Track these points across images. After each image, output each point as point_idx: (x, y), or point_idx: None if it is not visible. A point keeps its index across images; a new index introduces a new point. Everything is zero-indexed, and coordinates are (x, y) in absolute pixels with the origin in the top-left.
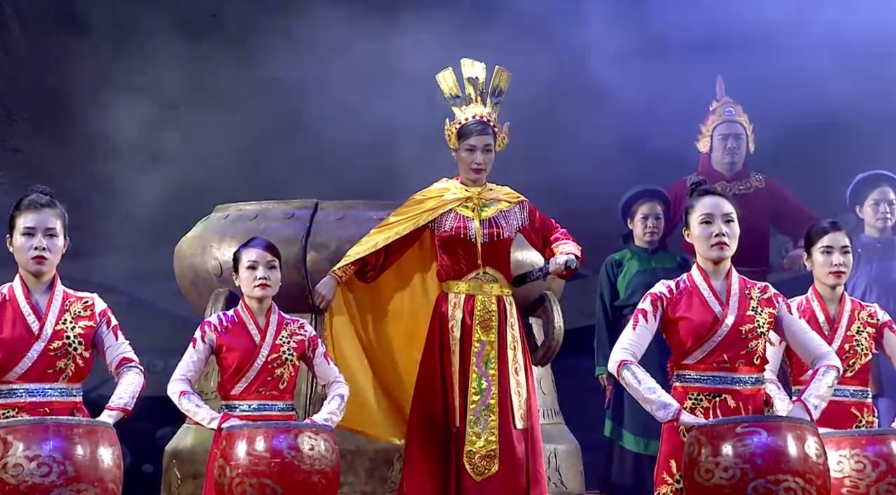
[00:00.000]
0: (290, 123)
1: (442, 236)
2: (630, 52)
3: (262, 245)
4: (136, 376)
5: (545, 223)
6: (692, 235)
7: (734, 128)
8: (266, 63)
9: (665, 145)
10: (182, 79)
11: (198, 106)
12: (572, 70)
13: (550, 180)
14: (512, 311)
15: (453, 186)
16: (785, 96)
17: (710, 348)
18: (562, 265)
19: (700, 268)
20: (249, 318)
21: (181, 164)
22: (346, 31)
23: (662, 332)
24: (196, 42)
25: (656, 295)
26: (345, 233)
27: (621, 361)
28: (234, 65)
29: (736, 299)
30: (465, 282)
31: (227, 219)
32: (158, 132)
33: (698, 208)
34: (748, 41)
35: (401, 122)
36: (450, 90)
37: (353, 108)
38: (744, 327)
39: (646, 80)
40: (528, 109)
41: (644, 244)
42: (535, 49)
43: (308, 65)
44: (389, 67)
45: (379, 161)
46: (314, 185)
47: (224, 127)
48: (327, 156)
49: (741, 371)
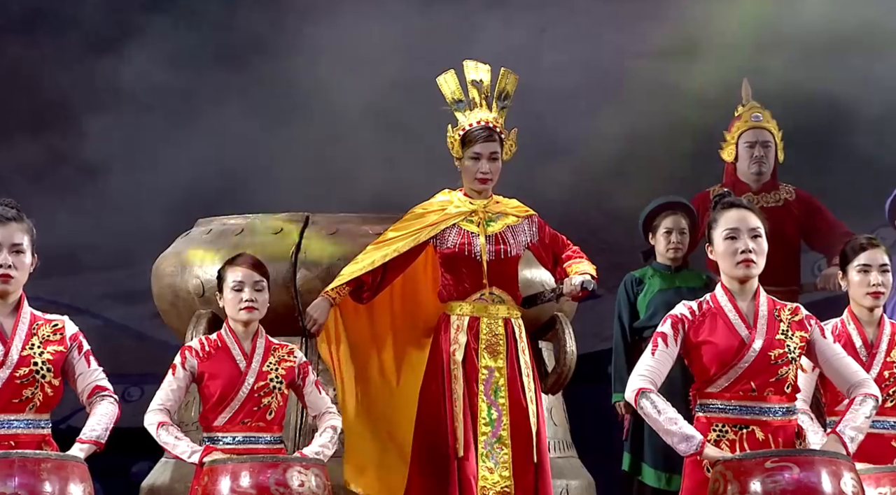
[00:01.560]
0: (278, 127)
1: (444, 253)
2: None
3: (248, 263)
4: (110, 406)
5: (556, 239)
6: (716, 252)
7: (762, 135)
8: (249, 59)
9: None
10: (161, 81)
11: (178, 110)
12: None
13: (551, 197)
14: (521, 335)
15: (456, 199)
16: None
17: (736, 375)
18: (577, 286)
19: (725, 288)
20: (234, 343)
21: (161, 173)
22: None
23: (684, 358)
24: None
25: (677, 317)
26: (338, 249)
27: (639, 389)
28: (213, 61)
29: (764, 322)
30: (469, 303)
31: (209, 233)
32: (137, 138)
33: (722, 222)
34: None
35: (396, 127)
36: (452, 94)
37: (348, 110)
38: (773, 352)
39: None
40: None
41: (667, 261)
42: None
43: (298, 60)
44: (395, 65)
45: (377, 170)
46: (305, 196)
47: (207, 131)
48: (320, 164)
49: (770, 400)
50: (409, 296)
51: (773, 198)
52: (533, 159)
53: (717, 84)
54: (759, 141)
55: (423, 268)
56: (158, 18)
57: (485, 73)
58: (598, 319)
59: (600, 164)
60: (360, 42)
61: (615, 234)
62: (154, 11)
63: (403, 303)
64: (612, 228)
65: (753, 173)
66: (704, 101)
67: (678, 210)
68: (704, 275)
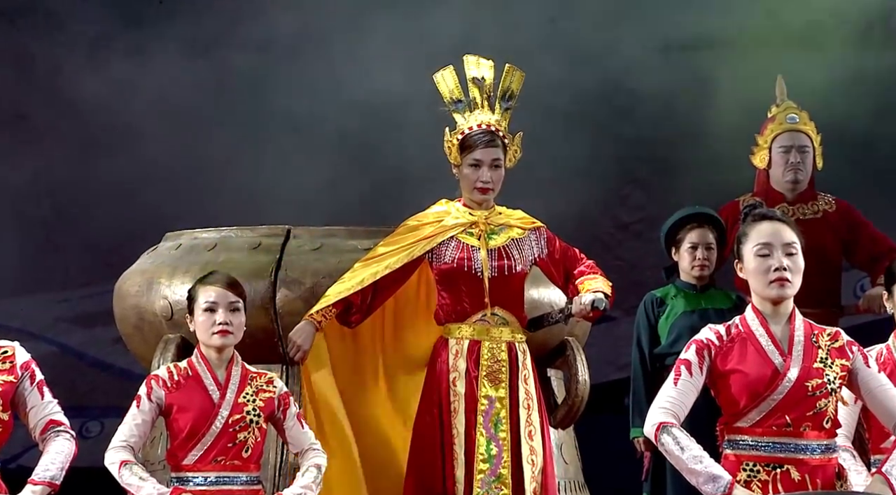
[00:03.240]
0: (255, 132)
1: (441, 269)
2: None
3: (222, 282)
4: (66, 443)
5: (567, 253)
6: (746, 269)
7: (798, 139)
8: (224, 55)
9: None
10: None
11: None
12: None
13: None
14: (526, 361)
15: (455, 209)
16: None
17: (769, 408)
18: (588, 305)
19: (756, 310)
20: (206, 371)
21: (125, 184)
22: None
23: (710, 388)
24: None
25: (703, 342)
26: (323, 266)
27: (660, 423)
28: (187, 58)
29: (800, 348)
30: (469, 326)
31: (178, 249)
32: (97, 142)
33: (754, 236)
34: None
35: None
36: (450, 93)
37: (334, 111)
38: (810, 382)
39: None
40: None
41: (692, 279)
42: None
43: (281, 56)
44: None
45: (365, 178)
46: (285, 208)
47: (177, 138)
48: (303, 172)
49: (807, 436)
50: (403, 319)
51: (810, 210)
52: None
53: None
54: (796, 145)
55: (418, 287)
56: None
57: (487, 70)
58: (615, 344)
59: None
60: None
61: (633, 250)
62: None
63: (396, 327)
64: (629, 243)
65: (788, 181)
66: (740, 100)
67: (704, 222)
68: (734, 296)
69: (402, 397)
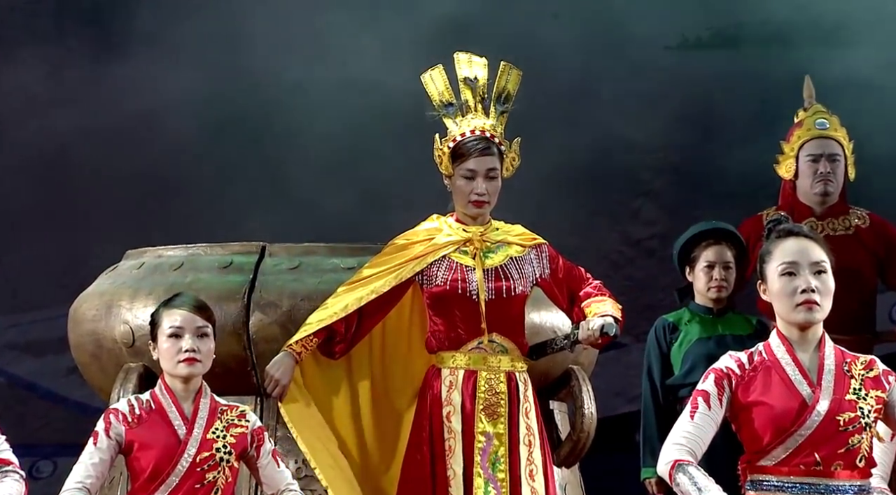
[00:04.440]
0: (226, 137)
1: (433, 292)
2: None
3: (189, 305)
4: (15, 484)
5: (571, 273)
6: (770, 291)
7: (828, 147)
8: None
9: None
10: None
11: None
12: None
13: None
14: (527, 393)
15: (447, 226)
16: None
17: (796, 445)
18: (596, 331)
19: (781, 336)
20: (171, 404)
21: (81, 196)
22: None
23: (731, 422)
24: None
25: (722, 371)
26: (301, 287)
27: (675, 461)
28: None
29: (831, 378)
30: (464, 354)
31: (141, 268)
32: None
33: (778, 254)
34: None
35: (377, 134)
36: (440, 96)
37: (316, 112)
38: (842, 416)
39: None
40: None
41: (708, 302)
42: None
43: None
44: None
45: (348, 190)
46: (260, 222)
47: (135, 141)
48: (280, 184)
49: (839, 476)
50: (392, 348)
51: (841, 225)
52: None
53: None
54: (826, 154)
55: (409, 313)
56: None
57: (480, 69)
58: (624, 374)
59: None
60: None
61: (645, 269)
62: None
63: (385, 356)
64: (641, 262)
65: (817, 194)
66: (765, 102)
67: (722, 239)
68: (754, 321)
69: (394, 435)
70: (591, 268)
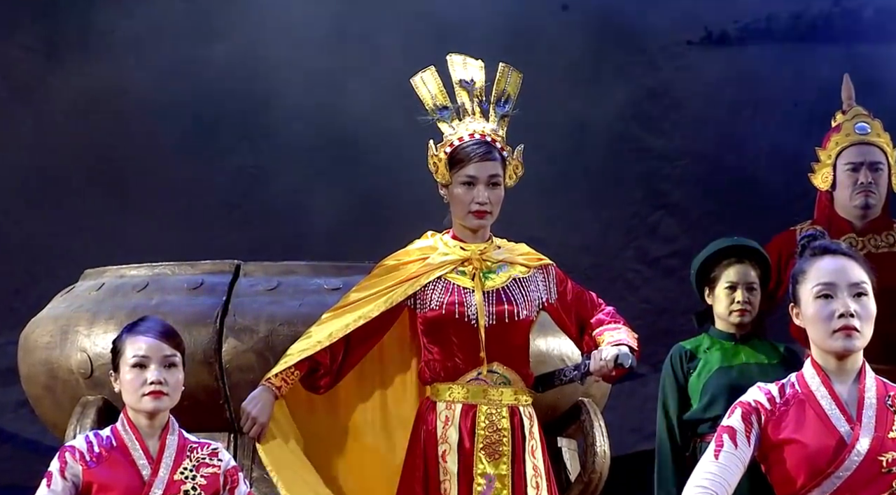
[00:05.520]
0: (196, 144)
1: (427, 317)
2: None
3: (155, 331)
4: None
5: (581, 298)
6: (804, 315)
7: (869, 154)
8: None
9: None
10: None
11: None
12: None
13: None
14: (532, 429)
15: (443, 243)
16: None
17: (833, 488)
18: (610, 362)
19: (816, 366)
20: (135, 441)
21: (35, 203)
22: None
23: (760, 463)
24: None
25: (750, 405)
26: (280, 310)
27: None
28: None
29: (872, 413)
30: (461, 386)
31: (100, 289)
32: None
33: (813, 274)
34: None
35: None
36: (433, 99)
37: (296, 113)
38: (885, 456)
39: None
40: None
41: (730, 327)
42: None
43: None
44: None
45: (332, 200)
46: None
47: (93, 148)
48: (256, 194)
49: None
50: (385, 380)
51: (884, 242)
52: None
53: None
54: (867, 161)
55: (401, 340)
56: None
57: (477, 71)
58: (640, 408)
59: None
60: (308, 26)
61: (664, 291)
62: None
63: (376, 391)
64: (658, 282)
65: (858, 206)
66: (799, 103)
67: (745, 257)
68: (782, 348)
69: (386, 477)
70: (604, 290)
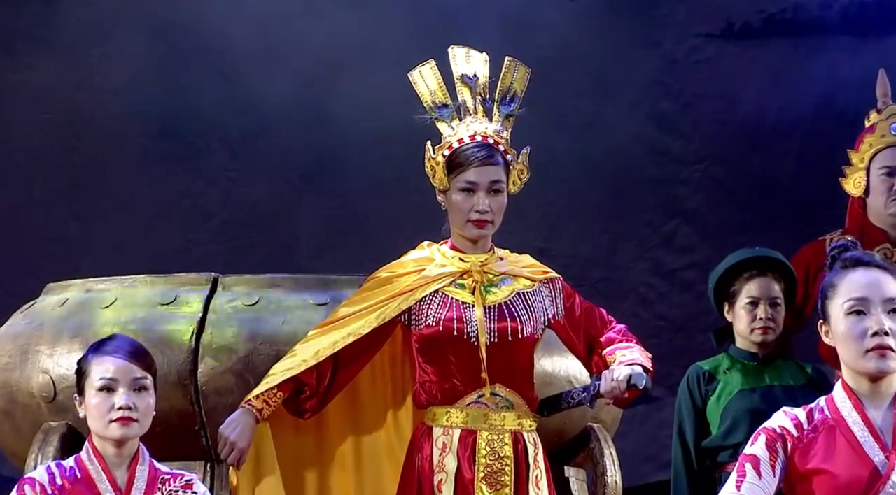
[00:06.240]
0: (168, 146)
1: (423, 335)
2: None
3: (124, 350)
4: None
5: (590, 314)
6: (834, 333)
7: None
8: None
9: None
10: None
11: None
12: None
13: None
14: (537, 457)
15: (440, 254)
16: None
17: None
18: (622, 383)
19: (848, 389)
20: (101, 472)
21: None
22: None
23: (786, 494)
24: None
25: (775, 432)
26: (262, 327)
27: None
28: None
29: None
30: (460, 410)
31: (64, 305)
32: None
33: (844, 288)
34: None
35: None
36: (432, 96)
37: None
38: None
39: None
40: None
41: (752, 346)
42: None
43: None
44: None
45: (317, 208)
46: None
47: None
48: (233, 201)
49: None
50: (376, 404)
51: None
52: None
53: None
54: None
55: (394, 360)
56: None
57: (480, 65)
58: (655, 434)
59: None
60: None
61: (681, 306)
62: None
63: (366, 415)
64: (675, 297)
65: (893, 214)
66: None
67: (768, 269)
68: (809, 368)
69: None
70: (616, 306)
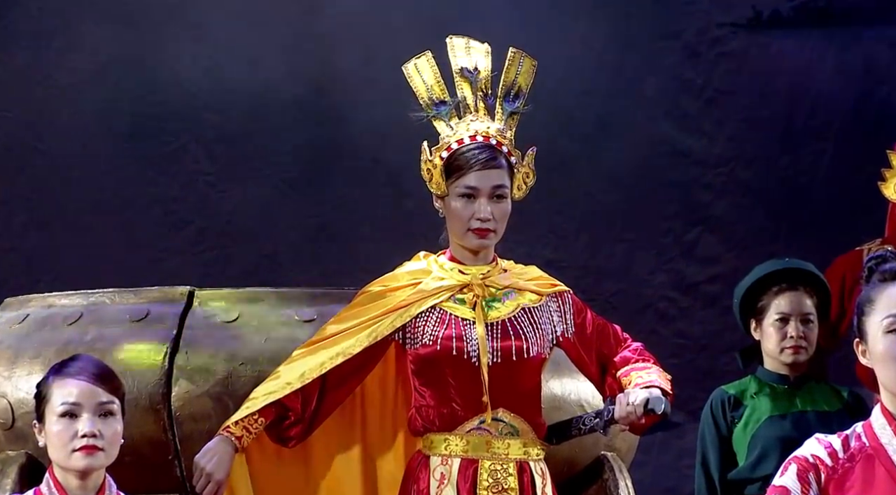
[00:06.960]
0: (136, 149)
1: (419, 354)
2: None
3: (88, 372)
4: None
5: (604, 331)
6: (871, 353)
7: None
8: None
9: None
10: None
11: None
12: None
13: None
14: (545, 489)
15: (437, 266)
16: None
17: None
18: (639, 407)
19: (888, 414)
20: None
21: None
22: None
23: None
24: None
25: (807, 462)
26: (242, 346)
27: None
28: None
29: None
30: (460, 437)
31: (24, 322)
32: None
33: (883, 304)
34: None
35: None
36: (428, 92)
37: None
38: None
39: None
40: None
41: (782, 367)
42: None
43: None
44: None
45: (304, 212)
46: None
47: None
48: (208, 207)
49: None
50: (367, 431)
51: None
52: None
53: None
54: None
55: (387, 382)
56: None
57: (482, 57)
58: (675, 463)
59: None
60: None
61: (704, 323)
62: None
63: (356, 443)
64: (698, 313)
65: None
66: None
67: (800, 283)
68: (845, 392)
69: None
70: (631, 323)
